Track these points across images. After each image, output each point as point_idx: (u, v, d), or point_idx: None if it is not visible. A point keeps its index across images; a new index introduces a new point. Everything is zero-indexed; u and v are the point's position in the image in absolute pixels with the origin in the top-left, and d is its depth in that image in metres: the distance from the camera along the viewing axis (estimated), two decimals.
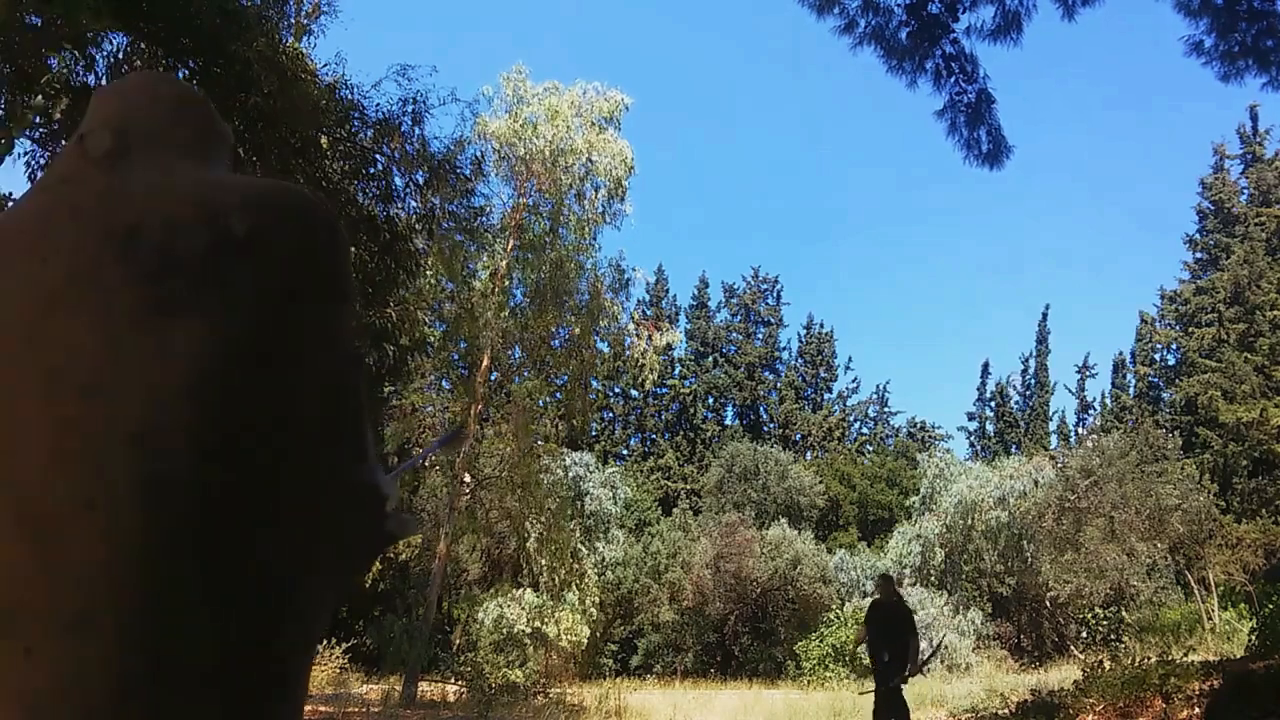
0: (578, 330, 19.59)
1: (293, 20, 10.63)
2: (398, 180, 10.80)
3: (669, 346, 28.48)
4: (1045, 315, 48.73)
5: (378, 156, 10.45)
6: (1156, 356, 42.84)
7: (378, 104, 10.42)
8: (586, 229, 19.32)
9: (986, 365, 49.62)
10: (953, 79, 8.27)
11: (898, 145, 79.23)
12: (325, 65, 11.05)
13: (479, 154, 14.01)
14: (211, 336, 0.86)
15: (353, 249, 9.95)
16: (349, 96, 10.23)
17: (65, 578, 0.78)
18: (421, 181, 10.88)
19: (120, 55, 8.15)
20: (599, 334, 20.08)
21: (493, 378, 18.90)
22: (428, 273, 13.88)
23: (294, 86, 8.68)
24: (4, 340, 0.86)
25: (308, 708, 13.93)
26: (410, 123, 10.71)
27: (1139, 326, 43.39)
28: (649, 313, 24.74)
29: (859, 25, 8.10)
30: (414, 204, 11.24)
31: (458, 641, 24.49)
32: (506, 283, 18.88)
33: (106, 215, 0.92)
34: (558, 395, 21.28)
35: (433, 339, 17.23)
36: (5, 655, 0.77)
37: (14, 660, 0.77)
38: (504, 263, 18.59)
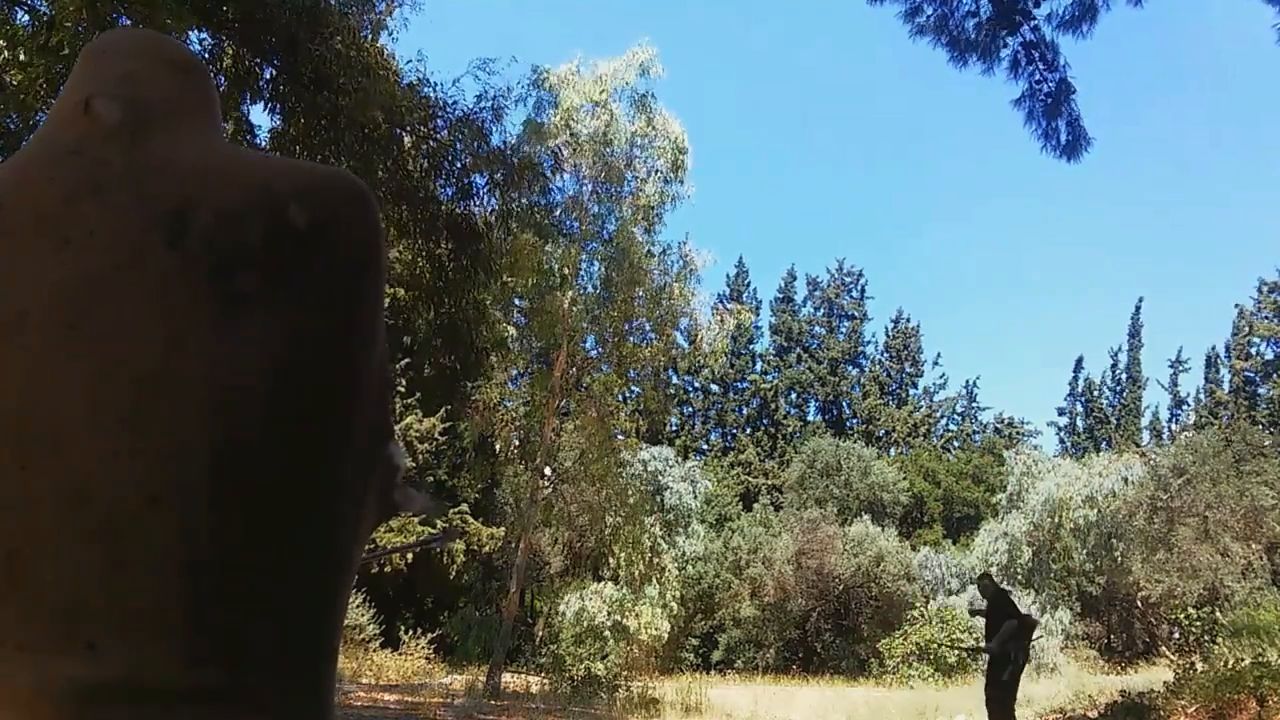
0: (649, 321, 19.50)
1: (379, 13, 10.74)
2: (477, 179, 10.85)
3: (739, 327, 28.12)
4: (1138, 308, 47.49)
5: (457, 155, 10.50)
6: (1254, 350, 41.38)
7: (456, 101, 10.43)
8: (649, 215, 18.99)
9: (1080, 361, 48.55)
10: (1032, 67, 8.11)
11: (985, 135, 77.62)
12: (409, 62, 11.16)
13: (556, 150, 13.99)
14: (283, 332, 0.84)
15: (430, 248, 10.09)
16: (431, 94, 10.28)
17: (132, 575, 0.77)
18: (501, 179, 10.89)
19: (206, 55, 8.32)
20: (669, 321, 19.83)
21: (570, 371, 18.97)
22: (504, 272, 13.92)
23: (375, 84, 8.81)
24: (41, 325, 0.81)
25: (393, 697, 14.18)
26: (490, 119, 10.74)
27: (1236, 319, 41.96)
28: (730, 306, 24.52)
29: (924, 12, 7.96)
30: (493, 202, 11.28)
31: (540, 634, 24.71)
32: (574, 274, 18.79)
33: (142, 197, 0.86)
34: (635, 390, 21.27)
35: (510, 335, 17.38)
36: (65, 652, 0.76)
37: (76, 655, 0.76)
38: (570, 255, 18.53)
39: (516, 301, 18.66)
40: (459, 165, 10.50)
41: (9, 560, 0.78)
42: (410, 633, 22.07)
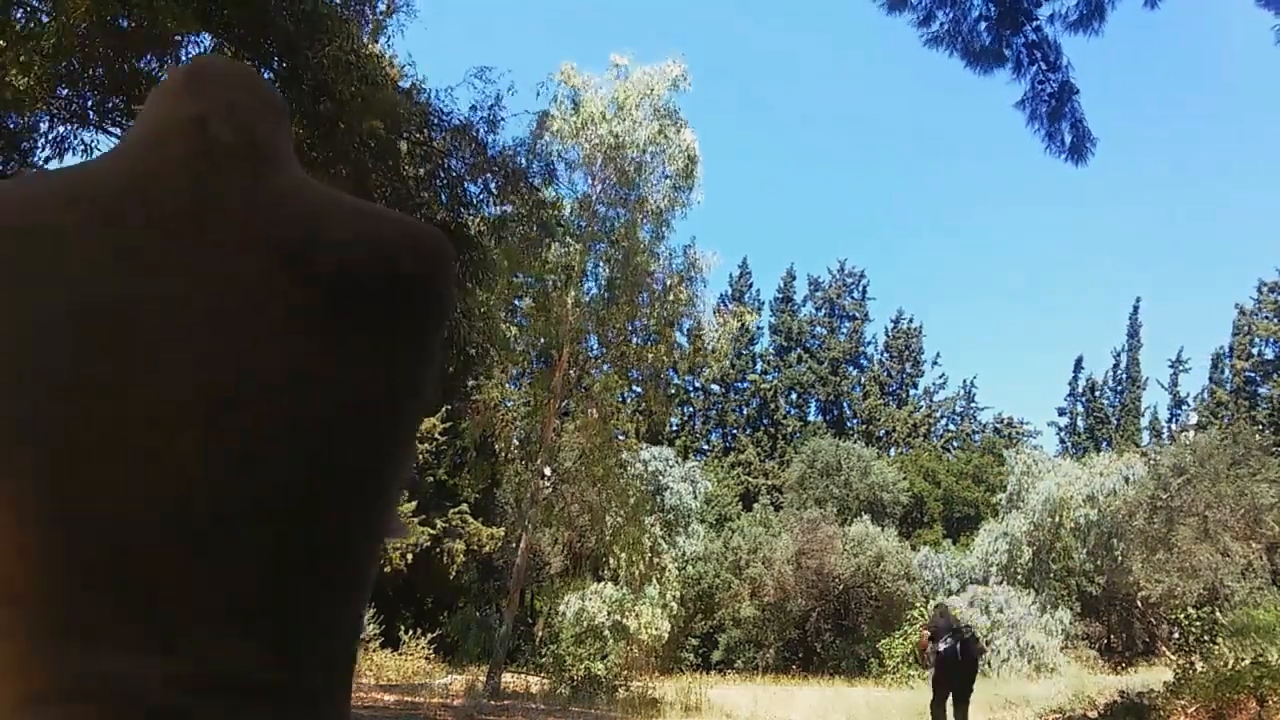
0: (653, 322, 19.53)
1: (378, 18, 10.70)
2: (471, 186, 10.86)
3: (743, 327, 28.19)
4: (1136, 308, 47.51)
5: (452, 162, 10.50)
6: (1254, 351, 41.38)
7: (452, 109, 10.43)
8: (657, 219, 19.08)
9: (1080, 361, 48.62)
10: (1034, 68, 8.08)
11: (985, 135, 77.67)
12: (405, 67, 11.17)
13: (550, 154, 14.01)
14: (378, 367, 0.91)
15: None
16: (428, 101, 10.28)
17: (212, 576, 0.81)
18: (495, 188, 10.90)
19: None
20: (672, 323, 19.89)
21: (571, 372, 18.97)
22: (503, 273, 13.89)
23: (374, 91, 8.79)
24: (156, 343, 0.84)
25: (393, 697, 14.16)
26: (486, 129, 10.74)
27: (1236, 319, 41.96)
28: (731, 306, 24.64)
29: (937, 19, 7.93)
30: (488, 210, 11.28)
31: (540, 634, 24.72)
32: (580, 276, 18.84)
33: (265, 226, 0.91)
34: (636, 390, 21.29)
35: (511, 335, 17.36)
36: (142, 649, 0.79)
37: (154, 651, 0.79)
38: (576, 256, 18.58)
39: (518, 302, 18.68)
40: (453, 172, 10.51)
41: (92, 556, 0.80)
42: (410, 633, 22.05)
